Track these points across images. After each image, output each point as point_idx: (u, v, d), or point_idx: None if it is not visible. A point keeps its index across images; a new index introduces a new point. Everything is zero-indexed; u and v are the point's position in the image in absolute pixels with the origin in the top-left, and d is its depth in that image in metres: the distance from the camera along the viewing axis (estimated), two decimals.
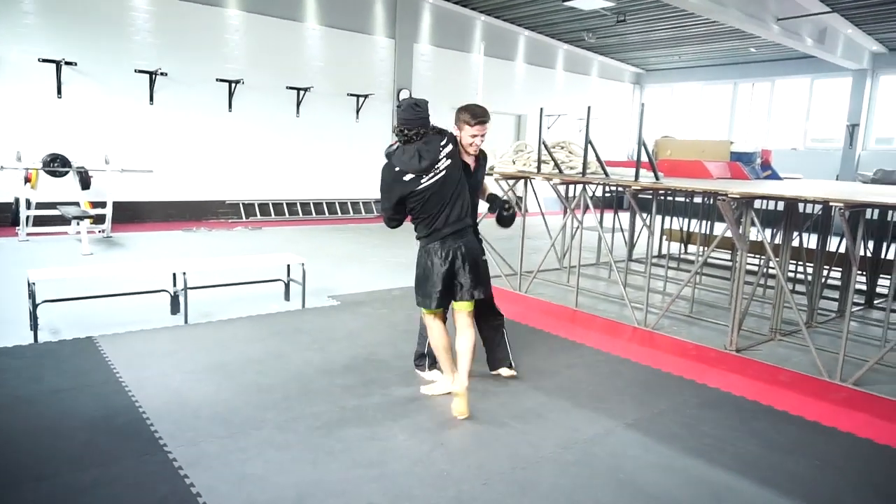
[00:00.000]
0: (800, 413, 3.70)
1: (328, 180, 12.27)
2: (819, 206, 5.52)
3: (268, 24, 11.05)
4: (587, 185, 6.12)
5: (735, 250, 6.18)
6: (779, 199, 5.05)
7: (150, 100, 10.00)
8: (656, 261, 7.80)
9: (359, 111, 12.42)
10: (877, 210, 6.12)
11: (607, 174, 5.93)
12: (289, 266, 5.85)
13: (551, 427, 3.38)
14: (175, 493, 2.59)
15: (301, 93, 11.53)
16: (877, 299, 6.69)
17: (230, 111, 10.85)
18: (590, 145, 5.81)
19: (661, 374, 4.30)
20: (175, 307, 5.03)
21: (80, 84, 9.36)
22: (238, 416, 3.33)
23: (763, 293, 6.84)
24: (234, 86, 10.74)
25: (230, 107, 10.83)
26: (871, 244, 6.60)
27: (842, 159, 14.20)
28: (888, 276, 5.84)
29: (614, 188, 6.71)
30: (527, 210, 7.15)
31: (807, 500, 2.77)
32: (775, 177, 7.66)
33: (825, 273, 6.27)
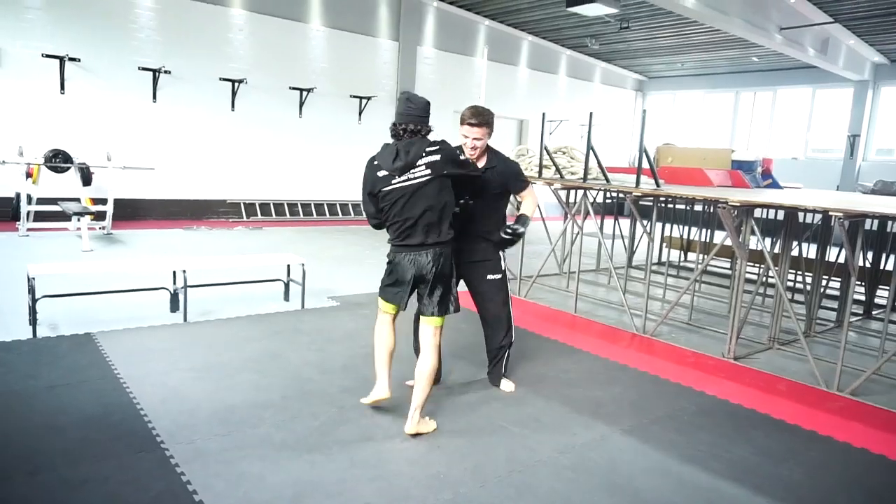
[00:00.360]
0: (796, 422, 3.70)
1: (329, 181, 12.28)
2: (819, 216, 5.52)
3: (272, 25, 11.08)
4: (588, 191, 6.14)
5: (735, 258, 6.19)
6: (779, 207, 5.07)
7: (154, 97, 10.02)
8: (656, 268, 7.81)
9: (361, 113, 12.44)
10: (876, 220, 6.14)
11: (608, 180, 5.94)
12: (289, 266, 5.85)
13: (548, 431, 3.38)
14: (171, 491, 2.59)
15: (304, 93, 11.55)
16: (875, 310, 6.71)
17: (233, 110, 10.87)
18: (591, 151, 5.83)
19: (658, 380, 4.30)
20: (174, 305, 5.03)
21: (83, 80, 9.38)
22: (236, 414, 3.33)
23: (762, 302, 6.85)
24: (237, 85, 10.76)
25: (233, 106, 10.85)
26: (870, 255, 6.62)
27: (842, 169, 14.23)
28: (887, 287, 5.84)
29: (615, 194, 6.72)
30: None
31: None
32: (776, 186, 7.68)
33: (824, 283, 6.28)
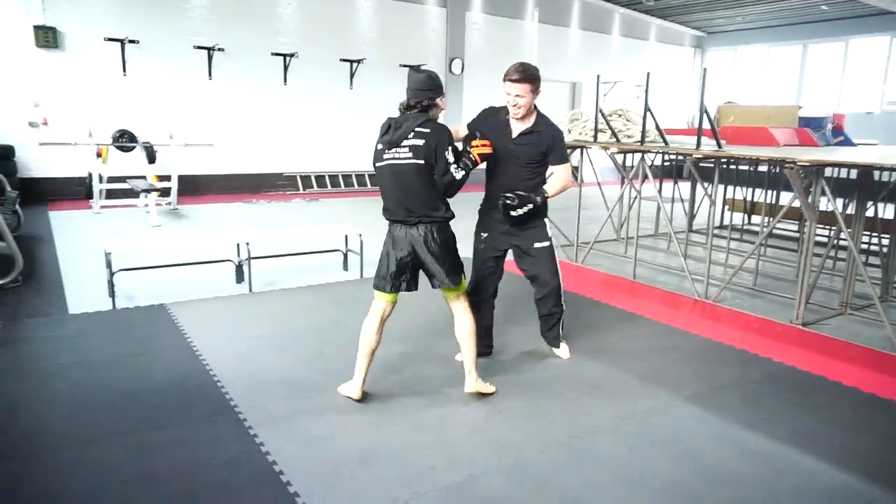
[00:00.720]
0: (871, 391, 3.57)
1: None
2: None
3: None
4: (646, 154, 5.97)
5: (803, 220, 5.94)
6: (851, 166, 4.81)
7: (209, 75, 10.24)
8: (718, 231, 7.57)
9: None
10: None
11: (667, 142, 5.76)
12: (346, 237, 5.97)
13: (608, 398, 3.38)
14: (246, 452, 2.73)
15: (354, 65, 11.57)
16: None
17: (285, 85, 11.00)
18: (649, 113, 5.65)
19: (721, 347, 4.22)
20: (240, 276, 5.22)
21: (142, 61, 9.66)
22: (302, 380, 3.46)
23: (833, 265, 6.56)
24: (288, 59, 10.87)
25: (285, 80, 10.98)
26: None
27: None
28: None
29: (674, 157, 6.51)
30: (583, 180, 7.04)
31: (869, 476, 2.70)
32: (848, 143, 7.28)
33: None
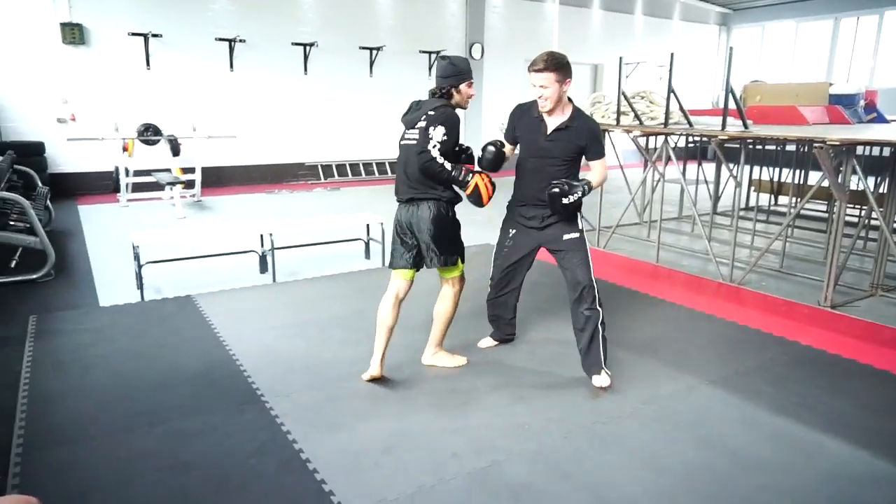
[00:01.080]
0: None
1: None
2: None
3: None
4: (669, 136, 5.88)
5: (832, 200, 5.80)
6: (885, 144, 4.68)
7: (231, 67, 10.32)
8: (743, 213, 7.44)
9: (431, 68, 12.33)
10: None
11: (691, 124, 5.66)
12: (368, 225, 5.99)
13: (632, 383, 3.36)
14: (274, 440, 2.78)
15: (373, 52, 11.56)
16: None
17: (306, 74, 11.04)
18: (672, 94, 5.55)
19: (748, 330, 4.16)
20: (263, 266, 5.28)
21: (165, 55, 9.76)
22: (327, 369, 3.51)
23: (863, 246, 6.41)
24: (308, 49, 10.89)
25: (305, 70, 11.01)
26: None
27: None
28: None
29: (698, 138, 6.40)
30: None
31: None
32: (881, 119, 7.07)
33: None
